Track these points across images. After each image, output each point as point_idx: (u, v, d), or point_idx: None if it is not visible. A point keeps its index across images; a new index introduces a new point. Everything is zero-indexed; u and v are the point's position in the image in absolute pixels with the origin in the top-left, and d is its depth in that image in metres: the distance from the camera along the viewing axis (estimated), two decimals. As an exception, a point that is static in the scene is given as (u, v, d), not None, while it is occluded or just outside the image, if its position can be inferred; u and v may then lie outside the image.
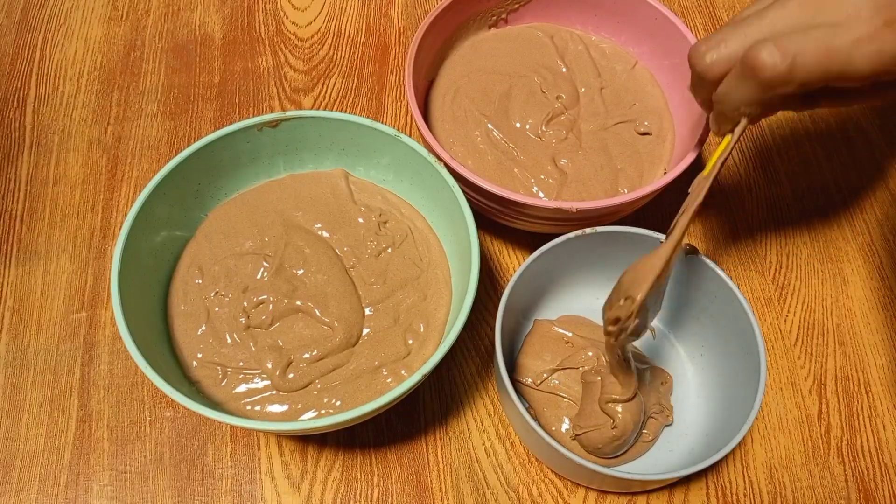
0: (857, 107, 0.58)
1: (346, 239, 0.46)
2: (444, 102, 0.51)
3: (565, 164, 0.48)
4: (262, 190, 0.47)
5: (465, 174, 0.42)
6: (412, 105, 0.45)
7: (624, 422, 0.40)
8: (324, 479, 0.44)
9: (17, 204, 0.53)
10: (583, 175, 0.48)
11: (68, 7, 0.62)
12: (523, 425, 0.38)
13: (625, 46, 0.54)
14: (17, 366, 0.47)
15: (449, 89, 0.52)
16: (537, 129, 0.49)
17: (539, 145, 0.49)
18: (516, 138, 0.49)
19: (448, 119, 0.50)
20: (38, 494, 0.43)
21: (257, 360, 0.41)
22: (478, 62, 0.53)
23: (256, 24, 0.62)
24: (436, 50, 0.51)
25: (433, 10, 0.48)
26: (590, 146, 0.49)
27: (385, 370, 0.41)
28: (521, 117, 0.50)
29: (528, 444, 0.43)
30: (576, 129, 0.50)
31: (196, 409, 0.34)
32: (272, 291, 0.43)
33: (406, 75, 0.46)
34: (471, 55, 0.53)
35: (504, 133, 0.49)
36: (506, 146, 0.49)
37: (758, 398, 0.38)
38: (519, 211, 0.44)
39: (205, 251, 0.45)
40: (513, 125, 0.50)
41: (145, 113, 0.57)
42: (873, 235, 0.53)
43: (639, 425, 0.41)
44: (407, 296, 0.44)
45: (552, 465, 0.42)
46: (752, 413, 0.37)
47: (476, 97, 0.51)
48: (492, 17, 0.54)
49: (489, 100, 0.51)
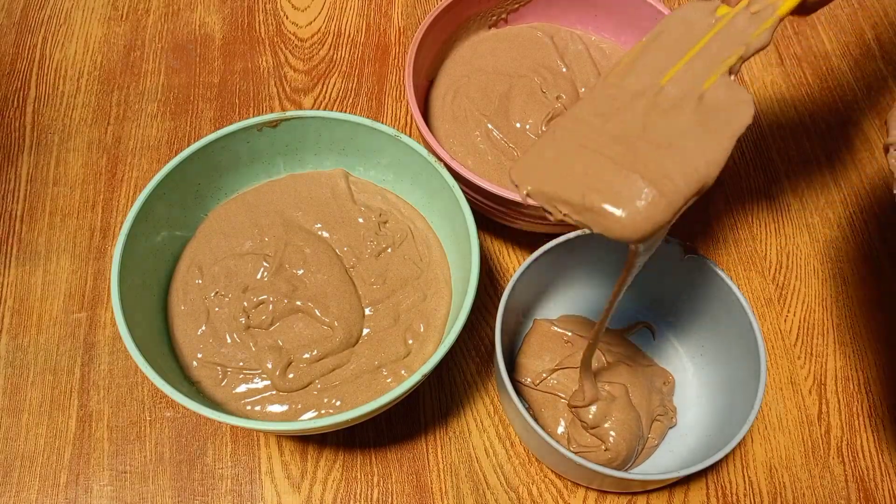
0: (857, 108, 0.58)
1: (346, 239, 0.46)
2: (444, 102, 0.51)
3: None
4: (262, 190, 0.47)
5: (464, 174, 0.42)
6: (412, 104, 0.45)
7: (616, 445, 0.40)
8: (324, 479, 0.44)
9: (17, 204, 0.53)
10: None
11: (68, 7, 0.62)
12: (523, 425, 0.38)
13: (625, 46, 0.54)
14: (17, 366, 0.47)
15: (449, 89, 0.52)
16: (537, 129, 0.49)
17: None
18: (516, 138, 0.49)
19: (448, 119, 0.50)
20: (38, 494, 0.43)
21: (257, 360, 0.41)
22: (478, 62, 0.53)
23: (256, 24, 0.62)
24: (436, 50, 0.51)
25: (433, 10, 0.48)
26: None
27: (385, 370, 0.41)
28: (520, 117, 0.50)
29: (528, 445, 0.43)
30: None
31: (197, 410, 0.34)
32: (272, 291, 0.43)
33: (406, 75, 0.46)
34: (471, 55, 0.53)
35: (504, 133, 0.49)
36: (505, 146, 0.49)
37: (758, 398, 0.38)
38: (518, 210, 0.44)
39: (205, 251, 0.45)
40: (513, 125, 0.50)
41: (145, 113, 0.57)
42: (873, 235, 0.53)
43: (635, 443, 0.41)
44: (407, 296, 0.44)
45: (552, 465, 0.42)
46: (753, 413, 0.37)
47: (476, 97, 0.51)
48: (492, 17, 0.54)
49: (489, 100, 0.51)
